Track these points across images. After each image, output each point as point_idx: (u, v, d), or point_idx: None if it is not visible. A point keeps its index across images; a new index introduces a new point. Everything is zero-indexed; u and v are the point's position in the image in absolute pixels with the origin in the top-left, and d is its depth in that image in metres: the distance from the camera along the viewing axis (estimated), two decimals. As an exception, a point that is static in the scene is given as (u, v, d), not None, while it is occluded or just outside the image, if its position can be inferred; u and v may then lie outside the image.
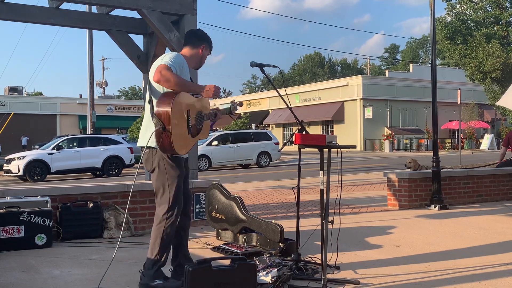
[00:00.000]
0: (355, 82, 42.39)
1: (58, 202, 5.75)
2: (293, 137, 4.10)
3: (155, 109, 3.53)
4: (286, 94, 4.55)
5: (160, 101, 3.53)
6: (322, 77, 78.97)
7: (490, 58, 25.81)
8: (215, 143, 22.22)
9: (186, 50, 3.98)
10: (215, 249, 5.05)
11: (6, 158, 19.76)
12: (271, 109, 50.75)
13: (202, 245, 5.32)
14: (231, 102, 4.27)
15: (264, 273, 3.72)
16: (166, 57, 3.68)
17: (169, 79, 3.47)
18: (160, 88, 3.67)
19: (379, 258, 4.73)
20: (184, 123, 3.61)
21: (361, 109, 41.35)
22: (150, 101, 3.69)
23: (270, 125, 50.06)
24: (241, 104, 4.39)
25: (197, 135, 3.84)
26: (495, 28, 29.01)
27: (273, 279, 3.67)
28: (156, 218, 3.71)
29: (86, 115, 26.82)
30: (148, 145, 3.65)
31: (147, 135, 3.68)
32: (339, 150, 3.97)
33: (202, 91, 3.66)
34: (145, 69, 7.81)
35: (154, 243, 3.67)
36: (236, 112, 4.31)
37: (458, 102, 20.97)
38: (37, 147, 27.71)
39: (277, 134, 43.99)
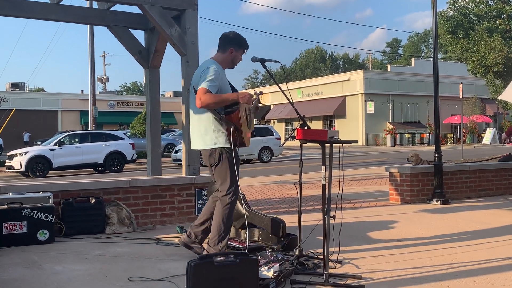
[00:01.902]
0: (357, 77, 42.31)
1: (60, 198, 5.75)
2: (295, 132, 4.10)
3: (226, 111, 4.13)
4: (288, 89, 4.55)
5: (228, 106, 4.16)
6: (323, 71, 78.82)
7: (492, 52, 25.75)
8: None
9: (218, 55, 4.45)
10: (217, 244, 5.04)
11: (8, 154, 19.80)
12: (273, 104, 50.72)
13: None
14: (255, 93, 4.58)
15: (266, 268, 3.73)
16: (205, 75, 4.15)
17: (208, 104, 4.06)
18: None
19: (381, 252, 4.73)
20: (245, 121, 4.22)
21: (363, 103, 41.29)
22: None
23: (272, 120, 50.04)
24: (261, 92, 4.74)
25: (251, 127, 4.42)
26: (497, 22, 28.90)
27: (275, 274, 3.67)
28: (222, 202, 4.28)
29: (88, 111, 26.86)
30: (216, 147, 4.22)
31: (209, 136, 4.25)
32: (341, 145, 3.97)
33: (239, 99, 4.16)
34: (146, 65, 7.81)
35: (220, 223, 4.26)
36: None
37: (460, 96, 20.92)
38: (39, 143, 27.75)
39: (279, 129, 43.96)
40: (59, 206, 5.68)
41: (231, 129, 4.11)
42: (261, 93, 4.71)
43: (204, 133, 4.29)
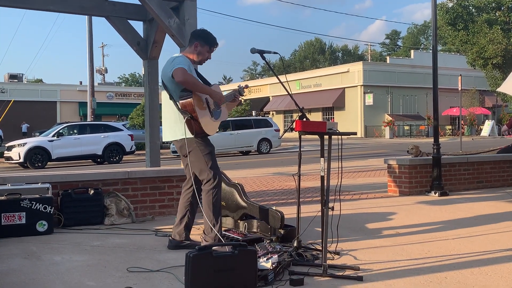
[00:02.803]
0: (356, 69, 42.25)
1: (59, 189, 5.76)
2: (294, 124, 4.09)
3: (180, 103, 4.19)
4: (287, 81, 4.55)
5: (182, 96, 4.20)
6: (322, 63, 78.69)
7: (491, 44, 25.73)
8: (215, 130, 22.22)
9: (186, 49, 4.56)
10: (216, 235, 5.06)
11: (6, 145, 19.78)
12: (272, 96, 50.65)
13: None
14: (238, 86, 4.77)
15: (265, 259, 3.74)
16: (176, 61, 4.23)
17: (188, 80, 4.09)
18: (178, 86, 4.23)
19: (379, 244, 4.75)
20: (206, 109, 4.28)
21: (361, 95, 41.27)
22: (171, 98, 4.31)
23: (271, 112, 49.99)
24: (246, 86, 4.94)
25: (219, 118, 4.49)
26: (496, 14, 28.84)
27: (273, 265, 3.68)
28: (204, 190, 4.33)
29: (86, 102, 26.81)
30: (182, 137, 4.30)
31: (177, 128, 4.35)
32: (339, 136, 3.97)
33: (211, 94, 4.29)
34: (145, 56, 7.79)
35: (208, 211, 4.30)
36: (242, 96, 4.81)
37: (459, 88, 20.90)
38: (37, 134, 27.73)
39: (278, 121, 43.93)
40: (58, 197, 5.69)
41: (185, 118, 4.18)
42: (246, 86, 4.91)
43: (174, 124, 4.40)
